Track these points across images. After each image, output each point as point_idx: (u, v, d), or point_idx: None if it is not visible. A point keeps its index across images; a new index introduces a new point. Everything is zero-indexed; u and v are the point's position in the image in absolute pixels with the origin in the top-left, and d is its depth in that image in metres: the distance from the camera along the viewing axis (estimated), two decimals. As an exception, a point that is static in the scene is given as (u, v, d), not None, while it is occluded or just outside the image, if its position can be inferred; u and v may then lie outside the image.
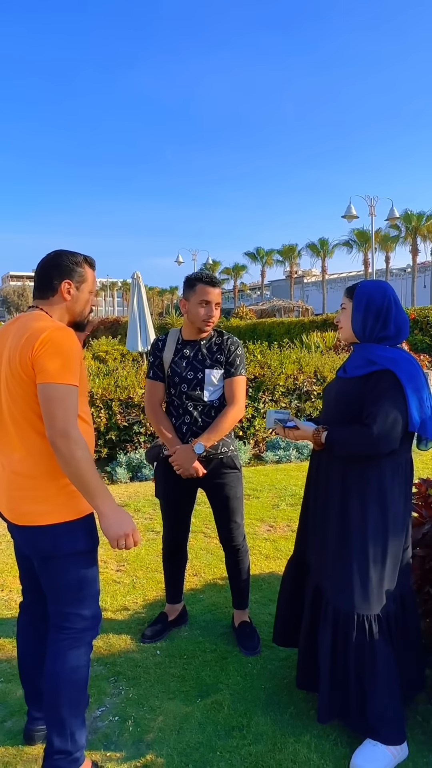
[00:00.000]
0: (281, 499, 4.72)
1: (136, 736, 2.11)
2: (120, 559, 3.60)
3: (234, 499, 2.62)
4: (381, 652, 1.95)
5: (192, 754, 2.02)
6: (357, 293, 2.04)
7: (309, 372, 6.68)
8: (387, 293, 2.01)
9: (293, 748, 2.02)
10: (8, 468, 1.79)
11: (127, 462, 5.52)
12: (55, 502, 1.75)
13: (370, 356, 1.96)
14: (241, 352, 2.60)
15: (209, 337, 2.59)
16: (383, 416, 1.86)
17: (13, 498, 1.78)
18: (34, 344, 1.67)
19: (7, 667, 2.53)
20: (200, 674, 2.47)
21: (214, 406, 2.54)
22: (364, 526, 1.95)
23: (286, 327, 18.55)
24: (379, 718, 1.93)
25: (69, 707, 1.79)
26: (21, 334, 1.74)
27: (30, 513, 1.75)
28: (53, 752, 1.79)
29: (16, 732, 2.13)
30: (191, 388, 2.52)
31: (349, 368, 2.05)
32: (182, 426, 2.55)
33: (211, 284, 2.50)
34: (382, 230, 41.21)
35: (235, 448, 2.66)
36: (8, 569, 3.49)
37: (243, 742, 2.06)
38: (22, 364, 1.69)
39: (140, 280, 10.11)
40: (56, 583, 1.81)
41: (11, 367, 1.73)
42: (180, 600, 2.87)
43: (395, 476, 1.97)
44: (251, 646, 2.62)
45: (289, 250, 52.88)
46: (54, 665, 1.80)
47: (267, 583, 3.26)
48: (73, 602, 1.81)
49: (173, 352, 2.58)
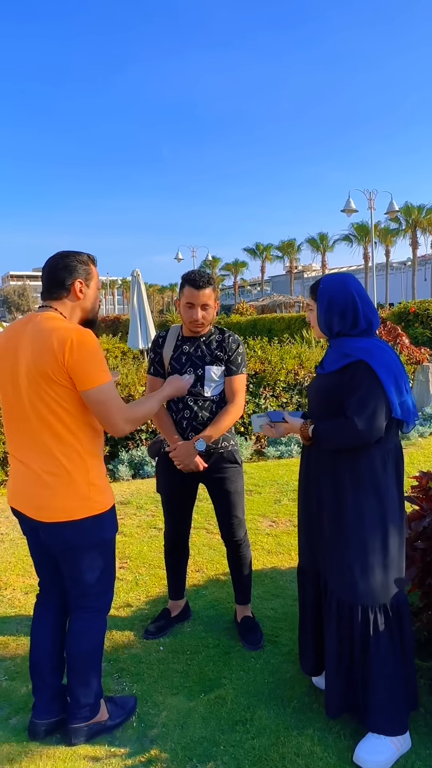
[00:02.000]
0: (283, 495, 4.73)
1: (140, 732, 2.12)
2: (123, 556, 3.61)
3: (235, 493, 2.62)
4: (383, 642, 1.95)
5: (196, 749, 2.03)
6: (319, 293, 2.03)
7: (310, 367, 6.68)
8: (348, 289, 1.98)
9: (297, 742, 2.03)
10: (37, 467, 1.87)
11: (128, 459, 5.53)
12: (85, 498, 1.88)
13: (344, 350, 1.96)
14: (242, 351, 2.60)
15: (209, 334, 2.59)
16: (363, 407, 1.87)
17: (43, 496, 1.87)
18: (64, 351, 1.76)
19: (11, 665, 2.54)
20: (203, 669, 2.48)
21: (214, 402, 2.55)
22: (361, 517, 1.95)
23: (286, 322, 18.52)
24: (381, 710, 1.93)
25: (94, 671, 2.05)
26: (44, 337, 1.80)
27: (61, 509, 1.86)
28: (80, 706, 2.03)
29: (21, 729, 2.14)
30: (191, 384, 2.51)
31: (326, 364, 2.05)
32: (182, 421, 2.55)
33: (196, 286, 2.45)
34: (381, 224, 41.10)
35: (235, 443, 2.67)
36: (11, 568, 3.50)
37: (246, 736, 2.07)
38: (53, 369, 1.78)
39: (140, 277, 10.09)
40: (81, 571, 1.95)
41: (38, 370, 1.80)
42: (182, 596, 2.88)
43: (386, 464, 1.97)
44: (254, 641, 2.63)
45: (288, 246, 52.76)
46: (78, 641, 2.02)
47: (269, 578, 3.27)
48: (97, 586, 1.99)
49: (173, 348, 2.58)
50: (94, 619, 2.04)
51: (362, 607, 1.96)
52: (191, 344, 2.57)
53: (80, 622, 2.03)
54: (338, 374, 1.97)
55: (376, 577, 1.96)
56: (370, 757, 1.91)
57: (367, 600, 1.96)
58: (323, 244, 48.54)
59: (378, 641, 1.95)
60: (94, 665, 2.06)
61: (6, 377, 1.90)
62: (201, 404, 2.53)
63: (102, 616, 2.07)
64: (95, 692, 2.06)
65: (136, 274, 10.09)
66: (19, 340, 1.87)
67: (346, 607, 1.98)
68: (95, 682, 2.06)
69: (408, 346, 8.99)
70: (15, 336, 1.90)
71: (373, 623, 1.96)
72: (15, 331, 1.91)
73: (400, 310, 13.60)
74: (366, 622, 1.96)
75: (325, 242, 48.45)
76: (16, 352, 1.86)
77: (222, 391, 2.56)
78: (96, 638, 2.06)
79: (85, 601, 2.01)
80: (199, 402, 2.53)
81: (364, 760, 1.91)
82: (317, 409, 2.08)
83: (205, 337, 2.58)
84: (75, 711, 2.05)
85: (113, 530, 2.01)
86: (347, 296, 1.98)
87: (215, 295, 2.53)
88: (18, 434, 1.91)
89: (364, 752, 1.92)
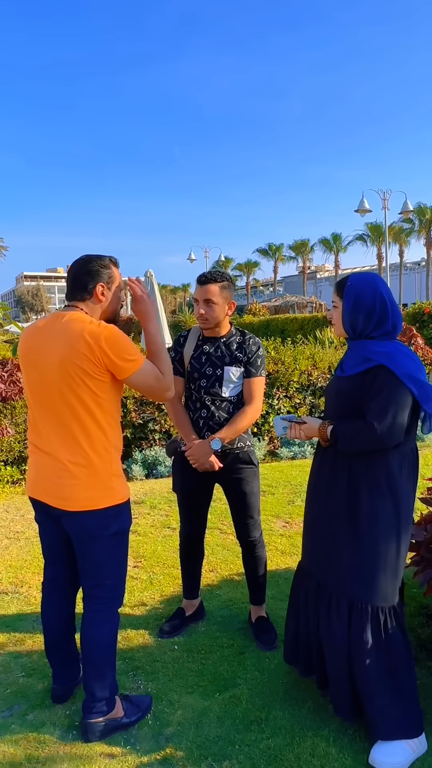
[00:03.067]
0: (296, 495, 4.72)
1: (156, 730, 2.14)
2: (137, 556, 3.63)
3: (250, 494, 2.63)
4: (396, 643, 1.95)
5: (211, 748, 2.04)
6: (346, 292, 2.00)
7: (323, 367, 6.66)
8: (377, 289, 1.97)
9: (312, 742, 2.03)
10: (64, 458, 1.97)
11: (142, 459, 5.55)
12: (108, 488, 1.99)
13: (365, 353, 1.95)
14: (262, 353, 2.61)
15: (229, 335, 2.61)
16: (384, 411, 1.86)
17: (67, 486, 1.96)
18: (101, 347, 1.88)
19: (28, 662, 2.57)
20: (218, 669, 2.49)
21: (232, 402, 2.57)
22: (376, 520, 1.94)
23: (299, 323, 18.48)
24: (397, 712, 1.93)
25: (108, 663, 2.10)
26: (75, 335, 1.90)
27: (85, 498, 1.96)
28: (95, 700, 2.08)
29: (38, 724, 2.17)
30: (210, 384, 2.55)
31: (346, 367, 2.03)
32: (199, 420, 2.58)
33: (199, 281, 2.53)
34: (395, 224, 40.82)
35: (251, 444, 2.68)
36: (27, 566, 3.54)
37: (261, 736, 2.08)
38: (88, 365, 1.89)
39: (153, 278, 10.11)
40: (99, 561, 2.04)
41: (72, 365, 1.89)
42: (197, 595, 2.89)
43: (402, 468, 1.96)
44: (268, 641, 2.63)
45: (301, 246, 52.64)
46: (93, 631, 2.08)
47: (283, 579, 3.27)
48: (112, 576, 2.07)
49: (194, 348, 2.62)
50: (108, 609, 2.10)
51: (373, 608, 1.95)
52: (211, 344, 2.60)
53: (95, 613, 2.08)
54: (358, 378, 1.96)
55: (387, 579, 1.96)
56: (386, 759, 1.90)
57: (379, 601, 1.96)
58: (336, 245, 48.34)
59: (392, 642, 1.95)
60: (108, 658, 2.11)
61: (35, 373, 1.98)
62: (218, 404, 2.55)
63: (115, 608, 2.13)
64: (110, 686, 2.11)
65: (149, 274, 10.10)
66: (48, 336, 1.96)
67: (357, 608, 1.97)
68: (110, 675, 2.11)
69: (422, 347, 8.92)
70: (43, 333, 1.99)
71: (385, 624, 1.95)
72: (42, 329, 2.00)
73: (415, 310, 13.51)
74: (378, 623, 1.95)
75: (339, 242, 48.25)
76: (45, 349, 1.95)
77: (240, 393, 2.58)
78: (110, 629, 2.11)
79: (99, 592, 2.08)
80: (217, 402, 2.55)
81: (380, 762, 1.90)
82: (335, 411, 2.08)
83: (226, 338, 2.60)
84: (91, 705, 2.08)
85: (129, 521, 2.10)
86: (375, 296, 1.96)
87: (225, 293, 2.52)
88: (46, 427, 2.00)
89: (380, 754, 1.92)
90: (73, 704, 2.27)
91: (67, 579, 2.22)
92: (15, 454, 5.32)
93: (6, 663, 2.57)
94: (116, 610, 2.14)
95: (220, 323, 2.57)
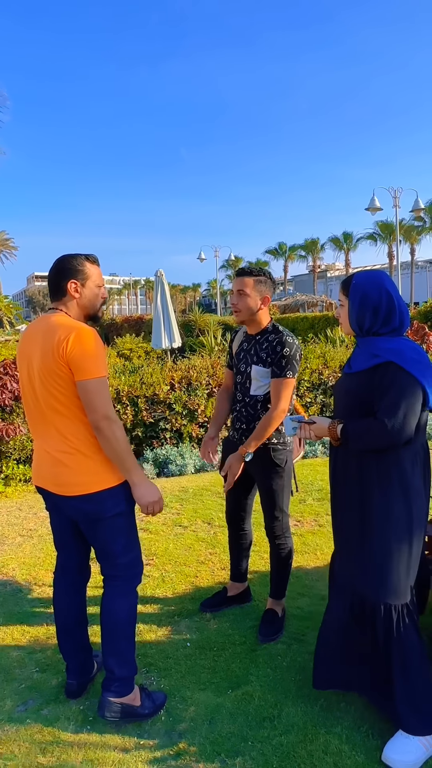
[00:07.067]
0: (308, 494, 4.71)
1: (169, 726, 2.15)
2: (149, 554, 3.64)
3: (279, 489, 2.67)
4: (410, 641, 1.94)
5: (224, 744, 2.05)
6: (351, 290, 2.00)
7: (334, 366, 6.65)
8: (383, 286, 1.97)
9: (324, 739, 2.04)
10: (55, 449, 2.07)
11: (153, 458, 5.58)
12: (100, 472, 2.05)
13: (373, 350, 1.94)
14: (290, 354, 2.51)
15: (264, 332, 2.63)
16: (395, 408, 1.85)
17: (62, 474, 2.06)
18: (66, 347, 1.93)
19: (42, 658, 2.60)
20: (230, 666, 2.50)
21: (258, 401, 2.62)
22: (388, 518, 1.94)
23: (310, 322, 18.44)
24: (410, 709, 1.93)
25: (126, 641, 2.16)
26: (51, 335, 1.99)
27: (80, 483, 2.04)
28: (114, 679, 2.13)
29: (53, 719, 2.19)
30: (243, 380, 2.67)
31: (354, 364, 2.03)
32: (233, 412, 2.77)
33: (236, 273, 2.63)
34: (406, 221, 40.56)
35: (277, 441, 2.63)
36: (40, 563, 3.57)
37: (274, 733, 2.09)
38: (57, 364, 1.96)
39: (163, 277, 10.14)
40: (106, 541, 2.12)
41: (46, 366, 1.99)
42: (240, 579, 2.97)
43: (415, 465, 1.96)
44: (266, 633, 2.67)
45: (311, 245, 52.47)
46: (111, 603, 2.16)
47: (295, 577, 3.26)
48: (123, 555, 2.15)
49: (239, 344, 2.75)
50: (125, 585, 2.17)
51: (385, 606, 1.95)
52: (249, 342, 2.68)
53: (112, 588, 2.17)
54: (367, 375, 1.95)
55: (400, 577, 1.96)
56: (399, 756, 1.90)
57: (391, 599, 1.95)
58: (347, 243, 48.12)
59: (406, 640, 1.95)
60: (126, 633, 2.16)
61: (23, 374, 2.13)
62: (247, 401, 2.66)
63: (133, 585, 2.20)
64: (129, 666, 2.16)
65: (159, 274, 10.14)
66: (31, 339, 2.08)
67: (369, 606, 1.98)
68: (129, 655, 2.17)
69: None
70: (28, 336, 2.12)
71: (397, 622, 1.95)
72: (28, 333, 2.14)
73: (426, 309, 13.44)
74: (390, 621, 1.95)
75: (349, 241, 48.01)
76: (29, 351, 2.08)
77: (268, 393, 2.59)
78: (129, 604, 2.18)
79: (114, 571, 2.16)
80: (246, 398, 2.66)
81: (393, 759, 1.90)
82: (343, 409, 2.07)
83: (261, 336, 2.63)
84: (109, 683, 2.14)
85: (130, 503, 2.13)
86: (381, 293, 1.96)
87: (259, 287, 2.55)
88: (35, 422, 2.13)
89: (393, 752, 1.92)
90: (87, 700, 2.29)
91: (75, 566, 2.30)
92: (27, 452, 5.36)
93: (20, 659, 2.60)
94: (134, 587, 2.20)
95: (255, 318, 2.60)
